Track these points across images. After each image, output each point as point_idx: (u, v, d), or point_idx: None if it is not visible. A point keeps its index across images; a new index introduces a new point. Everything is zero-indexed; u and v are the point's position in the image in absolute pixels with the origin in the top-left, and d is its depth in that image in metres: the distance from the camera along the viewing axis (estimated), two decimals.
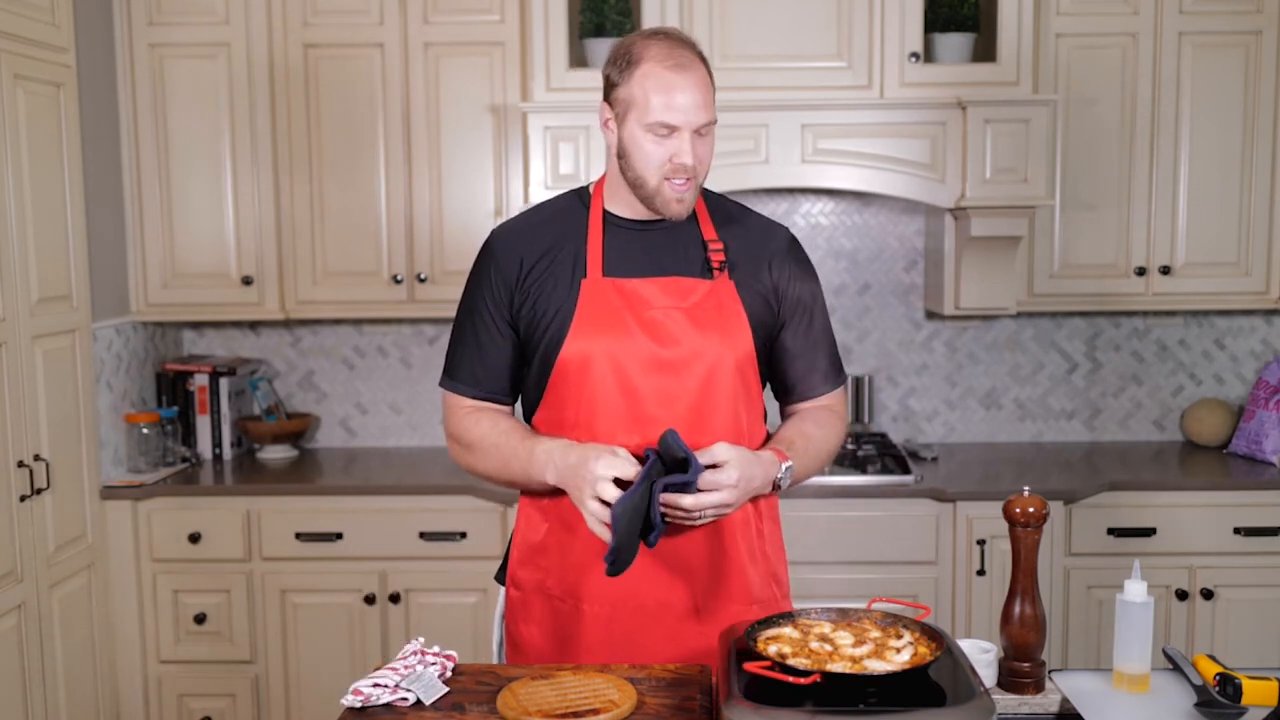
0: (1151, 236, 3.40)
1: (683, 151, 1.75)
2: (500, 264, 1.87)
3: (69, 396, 3.11)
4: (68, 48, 3.11)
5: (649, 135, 1.76)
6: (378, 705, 1.58)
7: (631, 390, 1.79)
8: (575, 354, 1.80)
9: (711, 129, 1.80)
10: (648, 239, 1.86)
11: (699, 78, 1.76)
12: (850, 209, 3.73)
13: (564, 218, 1.89)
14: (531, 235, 1.88)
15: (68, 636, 3.08)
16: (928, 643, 1.52)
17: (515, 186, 3.42)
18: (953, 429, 3.79)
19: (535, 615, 1.90)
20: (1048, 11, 3.31)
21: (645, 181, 1.79)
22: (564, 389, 1.83)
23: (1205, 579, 3.21)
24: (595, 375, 1.80)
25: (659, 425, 1.78)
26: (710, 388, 1.81)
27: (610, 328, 1.80)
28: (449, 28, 3.38)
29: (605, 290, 1.81)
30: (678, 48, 1.77)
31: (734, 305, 1.84)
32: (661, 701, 1.57)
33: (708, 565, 1.85)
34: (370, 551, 3.28)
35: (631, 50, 1.78)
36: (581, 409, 1.81)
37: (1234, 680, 1.56)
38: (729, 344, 1.82)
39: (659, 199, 1.79)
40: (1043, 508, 1.70)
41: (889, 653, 1.49)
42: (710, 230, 1.88)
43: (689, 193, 1.79)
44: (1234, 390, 3.75)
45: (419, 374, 3.83)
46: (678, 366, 1.80)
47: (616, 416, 1.80)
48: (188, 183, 3.45)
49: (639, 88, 1.75)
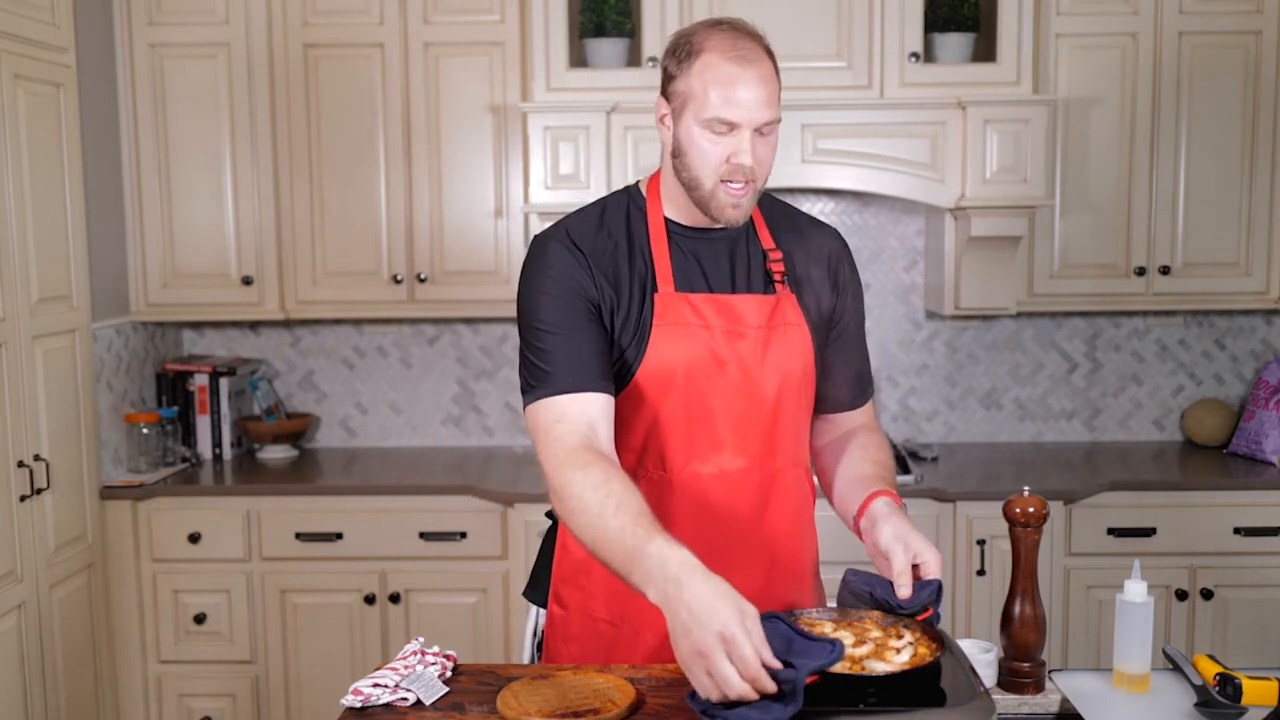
0: (1151, 236, 3.40)
1: (742, 151, 1.62)
2: (574, 255, 1.70)
3: (69, 396, 3.11)
4: (68, 48, 3.11)
5: (706, 132, 1.63)
6: (378, 705, 1.58)
7: (707, 413, 1.70)
8: (654, 372, 1.69)
9: (775, 129, 1.67)
10: (710, 249, 1.74)
11: (764, 72, 1.64)
12: (850, 209, 3.73)
13: (620, 222, 1.75)
14: (594, 239, 1.72)
15: (68, 636, 3.08)
16: (928, 643, 1.52)
17: (515, 186, 3.42)
18: (953, 429, 3.79)
19: (575, 634, 1.82)
20: (1048, 11, 3.31)
21: (701, 183, 1.66)
22: (629, 410, 1.71)
23: (1205, 579, 3.21)
24: (672, 398, 1.69)
25: (731, 450, 1.72)
26: (780, 409, 1.74)
27: (687, 346, 1.69)
28: (449, 28, 3.38)
29: (679, 306, 1.69)
30: (742, 39, 1.65)
31: (797, 319, 1.75)
32: (661, 701, 1.56)
33: (766, 598, 1.70)
34: (370, 551, 3.28)
35: (692, 40, 1.66)
36: (650, 433, 1.71)
37: (1234, 680, 1.56)
38: (795, 360, 1.74)
39: (714, 203, 1.67)
40: (1043, 508, 1.70)
41: (889, 653, 1.49)
42: (769, 239, 1.78)
43: (746, 198, 1.66)
44: (1234, 390, 3.75)
45: (419, 374, 3.83)
46: (751, 388, 1.71)
47: (691, 441, 1.71)
48: (188, 183, 3.45)
49: (698, 80, 1.63)
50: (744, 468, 1.74)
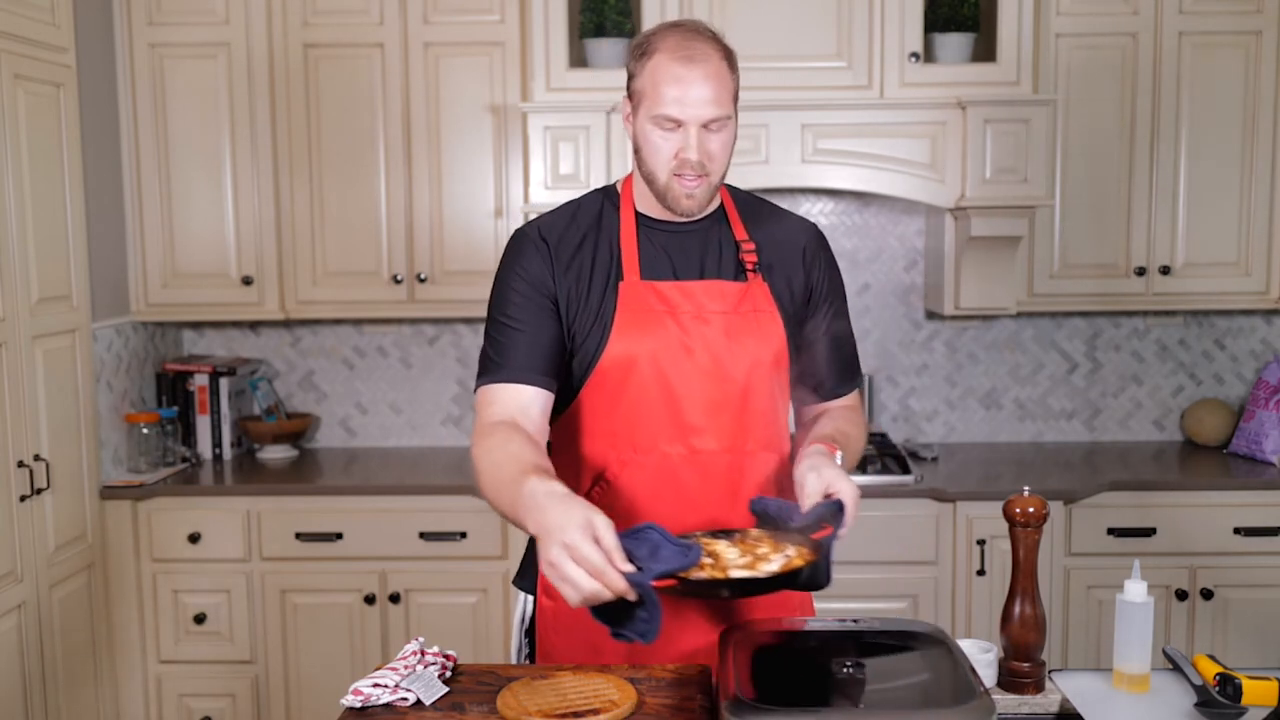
0: (1151, 236, 3.40)
1: (688, 147, 1.70)
2: (539, 250, 1.80)
3: (69, 396, 3.11)
4: (68, 48, 3.11)
5: (656, 129, 1.72)
6: (378, 705, 1.58)
7: (674, 398, 1.75)
8: (617, 359, 1.75)
9: (727, 125, 1.73)
10: (681, 241, 1.82)
11: (709, 70, 1.70)
12: (850, 209, 3.73)
13: (594, 217, 1.84)
14: (563, 233, 1.82)
15: (68, 636, 3.08)
16: (807, 555, 1.58)
17: (515, 186, 3.42)
18: (953, 429, 3.79)
19: (565, 625, 1.84)
20: (1048, 11, 3.31)
21: (656, 177, 1.75)
22: (600, 396, 1.78)
23: (1205, 579, 3.21)
24: (638, 381, 1.75)
25: (702, 433, 1.76)
26: (749, 393, 1.78)
27: (652, 332, 1.75)
28: (449, 28, 3.38)
29: (644, 293, 1.77)
30: (693, 39, 1.72)
31: (769, 306, 1.81)
32: (661, 701, 1.56)
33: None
34: (370, 551, 3.28)
35: (648, 41, 1.74)
36: (620, 418, 1.77)
37: (1234, 680, 1.56)
38: (766, 346, 1.79)
39: (670, 195, 1.75)
40: (1043, 508, 1.70)
41: (761, 563, 1.56)
42: (741, 230, 1.84)
43: (699, 189, 1.74)
44: (1234, 390, 3.75)
45: (419, 374, 3.83)
46: (720, 372, 1.76)
47: (659, 425, 1.76)
48: (188, 183, 3.45)
49: (649, 79, 1.71)
50: (715, 451, 1.78)
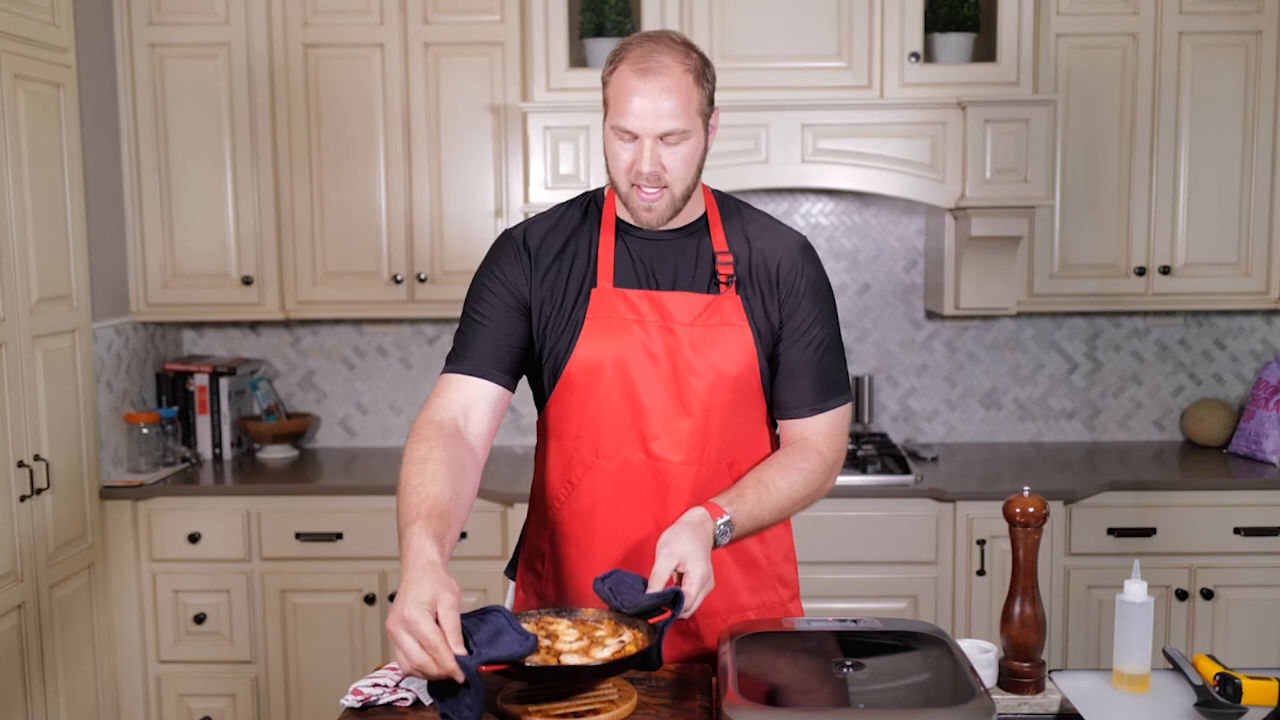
0: (1151, 236, 3.40)
1: (641, 159, 1.68)
2: (519, 251, 1.81)
3: (69, 396, 3.11)
4: (68, 48, 3.11)
5: (616, 139, 1.71)
6: (378, 705, 1.58)
7: (637, 405, 1.76)
8: (584, 363, 1.77)
9: (686, 139, 1.69)
10: (658, 250, 1.81)
11: (667, 84, 1.66)
12: (850, 209, 3.73)
13: (577, 223, 1.84)
14: (546, 238, 1.83)
15: (68, 636, 3.08)
16: (641, 642, 1.55)
17: (515, 187, 3.42)
18: (953, 429, 3.79)
19: None
20: (1048, 11, 3.31)
21: (617, 186, 1.74)
22: (569, 400, 1.79)
23: (1205, 579, 3.21)
24: (603, 387, 1.76)
25: (662, 442, 1.77)
26: (712, 405, 1.77)
27: (618, 338, 1.76)
28: (449, 28, 3.38)
29: (614, 301, 1.77)
30: (656, 51, 1.68)
31: (739, 320, 1.78)
32: (661, 701, 1.57)
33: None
34: (370, 551, 3.28)
35: (618, 50, 1.73)
36: (586, 422, 1.79)
37: (1234, 680, 1.56)
38: (730, 360, 1.77)
39: (631, 205, 1.74)
40: (1043, 508, 1.70)
41: (596, 648, 1.54)
42: (721, 241, 1.82)
43: (659, 202, 1.72)
44: (1234, 390, 3.75)
45: (419, 374, 3.83)
46: (681, 383, 1.76)
47: (622, 431, 1.77)
48: (188, 183, 3.45)
49: (612, 89, 1.71)
50: (676, 462, 1.78)
